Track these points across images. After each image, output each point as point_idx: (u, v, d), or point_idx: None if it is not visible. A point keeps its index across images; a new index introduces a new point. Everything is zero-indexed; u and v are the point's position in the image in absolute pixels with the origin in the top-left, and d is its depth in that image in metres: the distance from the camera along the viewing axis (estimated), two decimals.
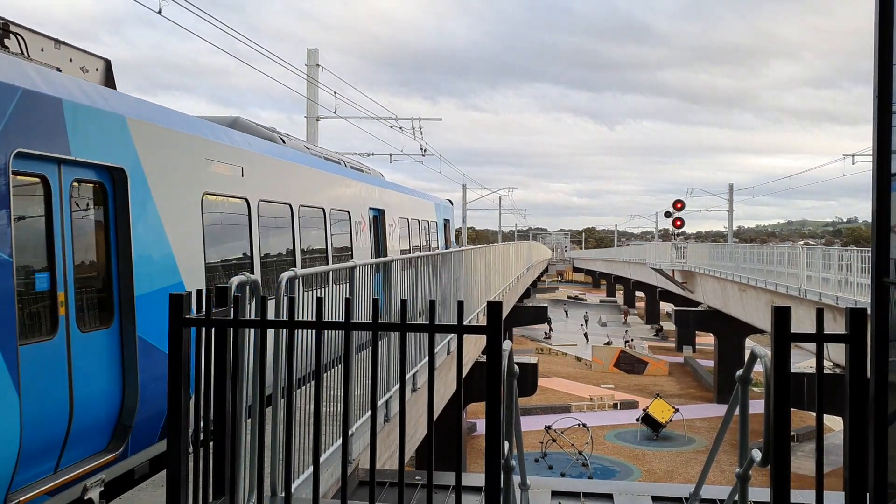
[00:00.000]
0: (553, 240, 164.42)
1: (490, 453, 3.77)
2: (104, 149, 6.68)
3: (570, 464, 29.72)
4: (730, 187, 58.61)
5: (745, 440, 4.94)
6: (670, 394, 44.07)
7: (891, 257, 3.83)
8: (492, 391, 3.79)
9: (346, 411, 4.43)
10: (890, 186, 3.83)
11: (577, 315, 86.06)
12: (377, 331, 3.99)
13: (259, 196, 9.88)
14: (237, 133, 9.87)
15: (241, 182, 9.41)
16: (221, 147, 8.96)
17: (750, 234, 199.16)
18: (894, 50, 3.80)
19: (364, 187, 15.96)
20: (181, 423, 4.01)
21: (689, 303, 50.30)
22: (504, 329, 3.91)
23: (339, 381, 6.66)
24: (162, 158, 7.62)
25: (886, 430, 3.73)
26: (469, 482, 7.49)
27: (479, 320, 17.10)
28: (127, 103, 7.27)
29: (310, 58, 26.20)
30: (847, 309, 3.73)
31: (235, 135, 9.71)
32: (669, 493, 7.90)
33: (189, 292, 4.18)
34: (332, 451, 6.61)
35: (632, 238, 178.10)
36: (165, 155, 7.71)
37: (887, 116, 3.83)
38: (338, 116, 27.98)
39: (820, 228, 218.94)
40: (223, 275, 8.79)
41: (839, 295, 22.89)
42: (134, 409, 6.91)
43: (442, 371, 12.91)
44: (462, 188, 65.61)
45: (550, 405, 40.37)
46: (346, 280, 7.19)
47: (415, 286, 10.03)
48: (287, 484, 4.35)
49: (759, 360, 4.34)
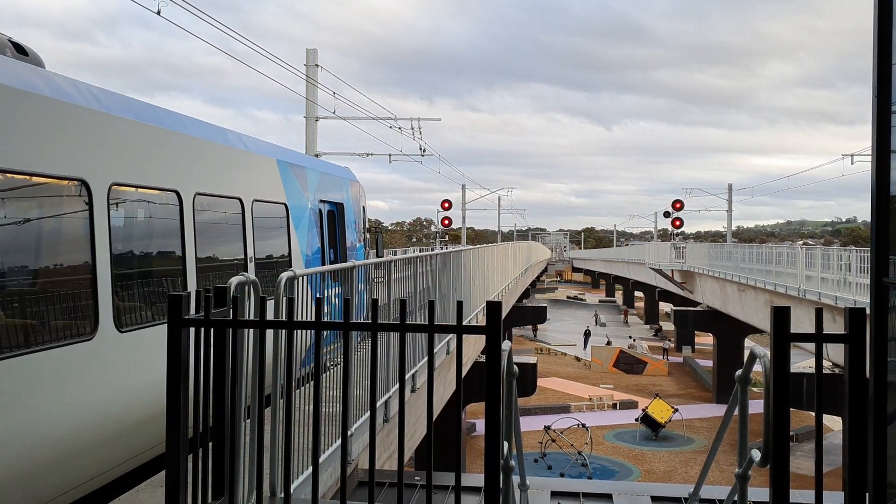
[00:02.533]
0: (552, 240, 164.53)
1: (489, 453, 3.77)
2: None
3: (569, 464, 29.73)
4: (729, 187, 58.64)
5: (744, 440, 4.94)
6: (669, 394, 44.08)
7: (890, 257, 3.83)
8: (491, 391, 3.79)
9: (346, 411, 4.43)
10: (889, 186, 3.83)
11: (578, 315, 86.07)
12: (376, 331, 3.99)
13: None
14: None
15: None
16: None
17: (749, 234, 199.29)
18: (893, 50, 3.80)
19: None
20: (180, 424, 4.01)
21: (688, 303, 50.32)
22: (503, 329, 3.91)
23: (338, 382, 6.66)
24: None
25: (886, 429, 3.73)
26: (468, 482, 7.49)
27: (478, 320, 17.09)
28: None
29: (309, 58, 26.19)
30: (846, 309, 3.73)
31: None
32: (669, 493, 7.89)
33: (188, 292, 4.18)
34: (331, 451, 6.61)
35: (631, 238, 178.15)
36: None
37: (887, 116, 3.83)
38: (337, 117, 27.98)
39: (819, 228, 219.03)
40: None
41: (838, 295, 22.90)
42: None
43: (441, 371, 12.91)
44: (461, 188, 65.61)
45: (550, 405, 40.40)
46: (345, 281, 7.17)
47: (387, 292, 10.02)
48: (286, 484, 4.35)
49: (759, 360, 4.34)
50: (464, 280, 15.03)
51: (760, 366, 4.25)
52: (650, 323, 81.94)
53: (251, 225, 9.88)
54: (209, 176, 8.88)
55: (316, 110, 27.00)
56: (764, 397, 3.87)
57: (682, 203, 51.02)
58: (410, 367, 9.98)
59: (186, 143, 8.44)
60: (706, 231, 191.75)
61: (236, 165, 9.71)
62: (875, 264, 3.83)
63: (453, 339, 13.08)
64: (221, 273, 8.89)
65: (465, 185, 64.27)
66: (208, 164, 8.92)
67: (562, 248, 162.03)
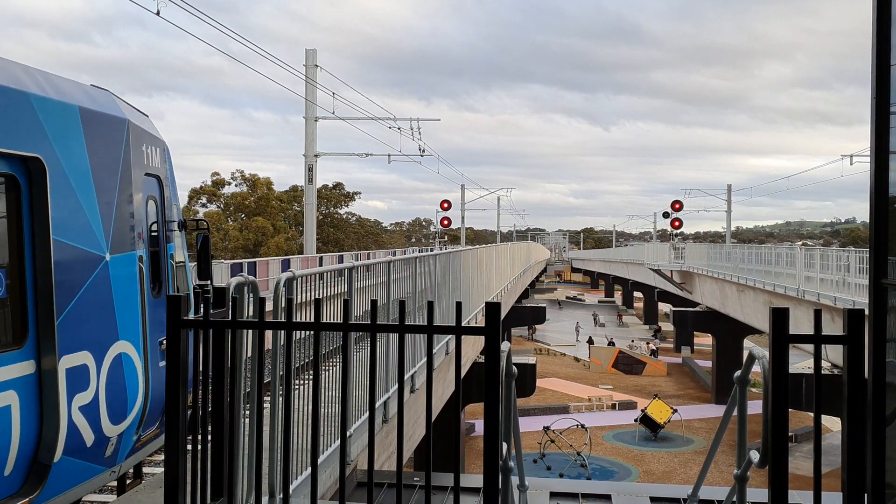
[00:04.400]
0: (551, 240, 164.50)
1: (488, 454, 3.77)
2: None
3: (568, 464, 29.73)
4: (728, 188, 58.71)
5: (743, 441, 4.94)
6: (668, 394, 44.09)
7: (889, 258, 3.83)
8: (490, 392, 3.79)
9: (345, 412, 4.42)
10: (888, 187, 3.83)
11: (577, 315, 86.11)
12: (375, 332, 3.99)
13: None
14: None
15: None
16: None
17: (748, 234, 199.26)
18: (892, 50, 3.80)
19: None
20: (179, 425, 4.01)
21: (687, 303, 50.36)
22: (502, 329, 3.91)
23: (337, 382, 6.66)
24: None
25: (884, 430, 3.73)
26: (467, 483, 7.49)
27: (477, 321, 17.10)
28: None
29: (308, 58, 26.19)
30: (845, 310, 3.73)
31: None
32: (668, 494, 7.89)
33: (187, 294, 4.18)
34: (330, 452, 6.61)
35: (630, 238, 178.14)
36: None
37: (885, 117, 3.83)
38: (336, 117, 28.00)
39: (818, 229, 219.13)
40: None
41: (837, 295, 22.92)
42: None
43: (440, 372, 12.91)
44: (461, 189, 65.67)
45: (549, 406, 40.42)
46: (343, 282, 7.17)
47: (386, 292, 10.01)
48: (285, 485, 4.34)
49: (758, 360, 4.34)
50: (463, 281, 15.03)
51: (759, 366, 4.25)
52: (649, 323, 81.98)
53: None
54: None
55: (315, 110, 26.99)
56: (763, 398, 3.87)
57: (681, 203, 51.05)
58: (409, 368, 9.98)
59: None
60: (705, 231, 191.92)
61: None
62: (874, 265, 3.84)
63: (452, 340, 13.09)
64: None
65: (464, 186, 64.29)
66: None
67: (561, 249, 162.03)
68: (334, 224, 76.26)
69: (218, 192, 70.52)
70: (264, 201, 68.68)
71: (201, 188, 70.60)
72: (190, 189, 72.47)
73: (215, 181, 70.75)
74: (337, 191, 76.69)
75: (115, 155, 6.62)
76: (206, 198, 70.63)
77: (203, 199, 70.76)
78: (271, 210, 69.04)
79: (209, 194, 70.43)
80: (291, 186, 73.99)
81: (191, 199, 70.47)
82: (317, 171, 30.64)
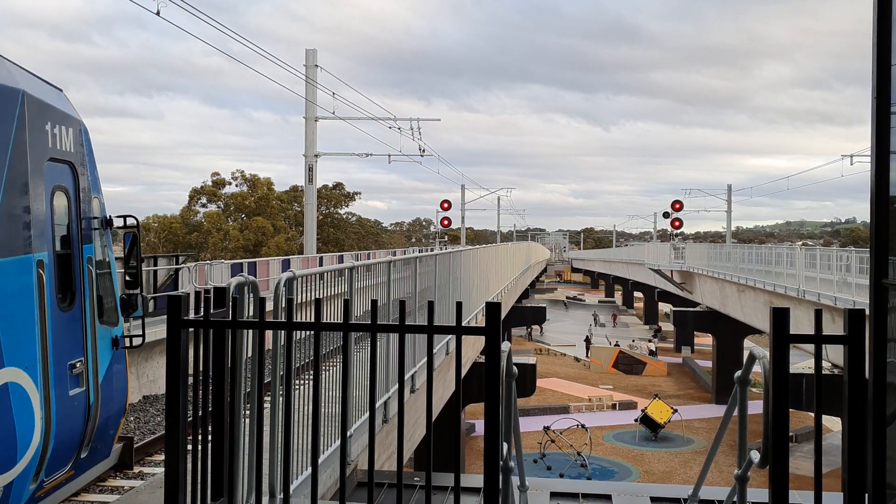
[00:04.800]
0: (552, 240, 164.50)
1: (489, 454, 3.77)
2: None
3: (568, 464, 29.73)
4: (728, 188, 58.72)
5: (743, 441, 4.94)
6: (669, 394, 44.09)
7: (889, 258, 3.83)
8: (490, 392, 3.79)
9: (345, 412, 4.42)
10: (889, 187, 3.83)
11: (577, 315, 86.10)
12: (376, 332, 3.99)
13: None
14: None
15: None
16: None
17: (748, 234, 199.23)
18: (892, 50, 3.80)
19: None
20: (179, 425, 4.01)
21: (687, 303, 50.36)
22: (503, 330, 3.91)
23: (337, 382, 6.66)
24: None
25: (885, 430, 3.73)
26: (468, 483, 7.49)
27: (477, 321, 17.10)
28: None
29: (308, 58, 26.20)
30: (845, 310, 3.73)
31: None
32: (668, 494, 7.88)
33: (187, 293, 4.17)
34: (330, 452, 6.61)
35: (630, 238, 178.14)
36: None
37: (886, 117, 3.83)
38: (336, 117, 28.00)
39: (818, 229, 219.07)
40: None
41: (837, 295, 22.92)
42: None
43: (441, 372, 12.91)
44: (461, 188, 65.69)
45: (549, 406, 40.41)
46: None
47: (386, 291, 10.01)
48: (286, 485, 4.34)
49: (758, 360, 4.34)
50: (463, 281, 15.03)
51: (760, 366, 4.24)
52: (650, 323, 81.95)
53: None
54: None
55: (315, 110, 27.00)
56: (763, 398, 3.87)
57: (681, 203, 51.06)
58: (410, 368, 9.97)
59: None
60: (705, 231, 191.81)
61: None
62: (874, 265, 3.84)
63: (452, 340, 13.08)
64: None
65: (464, 186, 64.30)
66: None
67: (561, 249, 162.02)
68: (334, 224, 76.30)
69: (218, 193, 70.59)
70: (264, 201, 68.73)
71: (201, 188, 70.70)
72: (190, 189, 72.62)
73: (215, 181, 70.83)
74: (337, 191, 76.73)
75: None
76: (206, 198, 70.73)
77: (203, 200, 70.87)
78: (271, 210, 69.09)
79: (209, 194, 70.51)
80: (291, 186, 74.05)
81: (191, 199, 70.58)
82: (317, 171, 30.65)
